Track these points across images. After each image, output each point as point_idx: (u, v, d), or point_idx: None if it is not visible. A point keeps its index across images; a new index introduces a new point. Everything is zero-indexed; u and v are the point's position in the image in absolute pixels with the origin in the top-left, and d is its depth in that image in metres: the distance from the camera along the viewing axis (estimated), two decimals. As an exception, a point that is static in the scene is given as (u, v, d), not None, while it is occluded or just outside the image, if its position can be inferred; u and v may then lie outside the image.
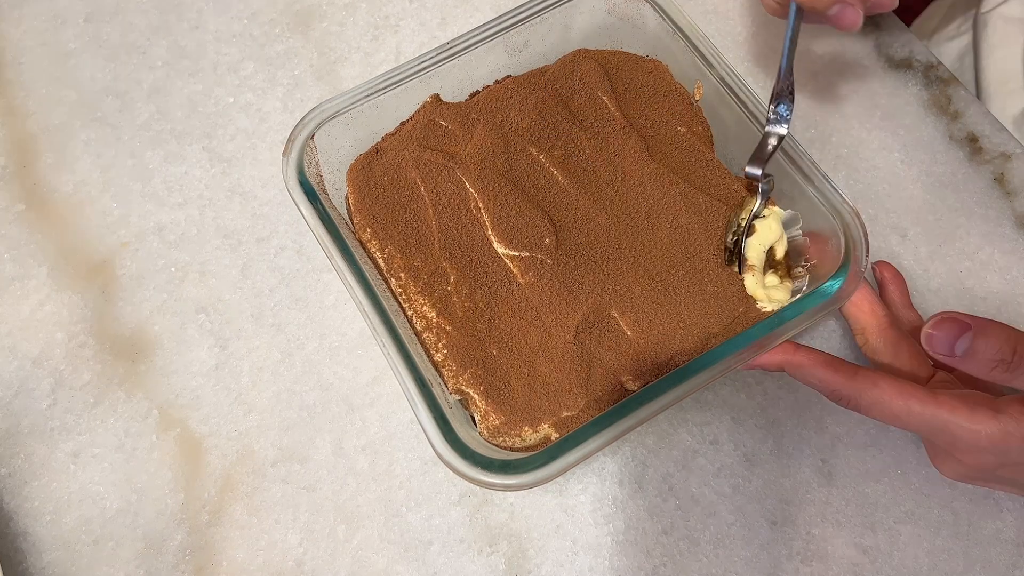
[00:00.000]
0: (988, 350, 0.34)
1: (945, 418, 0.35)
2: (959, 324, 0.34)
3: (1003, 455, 0.35)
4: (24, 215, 0.50)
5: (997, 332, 0.34)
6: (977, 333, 0.34)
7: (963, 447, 0.36)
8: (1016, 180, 0.50)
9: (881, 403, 0.36)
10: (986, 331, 0.34)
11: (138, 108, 0.53)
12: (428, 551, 0.42)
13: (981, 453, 0.36)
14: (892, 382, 0.36)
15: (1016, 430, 0.34)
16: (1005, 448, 0.35)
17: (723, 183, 0.43)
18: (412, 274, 0.40)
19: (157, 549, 0.42)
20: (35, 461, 0.44)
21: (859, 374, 0.36)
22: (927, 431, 0.36)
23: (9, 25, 0.56)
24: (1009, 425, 0.34)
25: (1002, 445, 0.35)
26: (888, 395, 0.36)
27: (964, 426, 0.35)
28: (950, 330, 0.34)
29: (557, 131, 0.43)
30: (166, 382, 0.46)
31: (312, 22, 0.56)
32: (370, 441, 0.44)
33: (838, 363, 0.37)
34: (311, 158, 0.42)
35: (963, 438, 0.35)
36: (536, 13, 0.45)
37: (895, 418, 0.36)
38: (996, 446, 0.35)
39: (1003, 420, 0.34)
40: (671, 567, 0.41)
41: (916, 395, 0.35)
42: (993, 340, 0.34)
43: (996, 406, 0.35)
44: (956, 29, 0.64)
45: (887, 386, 0.36)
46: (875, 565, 0.41)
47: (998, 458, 0.36)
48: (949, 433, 0.35)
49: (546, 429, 0.38)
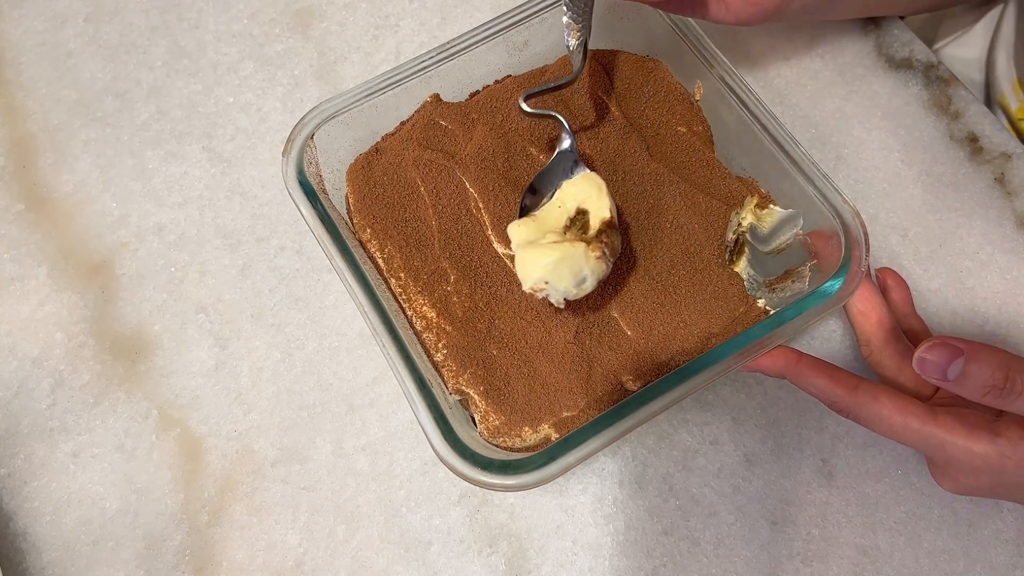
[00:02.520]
0: (980, 375, 0.34)
1: (942, 438, 0.35)
2: (951, 349, 0.34)
3: (998, 476, 0.36)
4: (24, 215, 0.50)
5: (989, 358, 0.34)
6: (969, 358, 0.34)
7: (959, 466, 0.36)
8: (1016, 180, 0.50)
9: (880, 418, 0.36)
10: (978, 356, 0.34)
11: (138, 108, 0.53)
12: (428, 551, 0.42)
13: (977, 473, 0.36)
14: (892, 398, 0.36)
15: (1013, 453, 0.35)
16: (1000, 469, 0.35)
17: (723, 183, 0.43)
18: (412, 274, 0.40)
19: (157, 549, 0.42)
20: (35, 461, 0.44)
21: (860, 387, 0.37)
22: (924, 448, 0.37)
23: (9, 25, 0.56)
24: (1006, 448, 0.35)
25: (997, 467, 0.35)
26: (887, 410, 0.36)
27: (960, 446, 0.35)
28: (942, 355, 0.34)
29: (557, 131, 0.43)
30: (166, 382, 0.46)
31: (312, 22, 0.56)
32: (370, 441, 0.44)
33: (840, 374, 0.37)
34: (311, 158, 0.42)
35: (959, 458, 0.36)
36: (536, 13, 0.45)
37: (893, 433, 0.36)
38: (991, 468, 0.35)
39: (1000, 443, 0.35)
40: (671, 567, 0.41)
41: (915, 413, 0.36)
42: (985, 366, 0.34)
43: (994, 428, 0.35)
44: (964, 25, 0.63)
45: (887, 401, 0.36)
46: (875, 565, 0.41)
47: (993, 479, 0.36)
48: (945, 452, 0.36)
49: (546, 429, 0.38)
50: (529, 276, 0.35)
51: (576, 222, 0.37)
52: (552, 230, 0.36)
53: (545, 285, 0.34)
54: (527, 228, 0.36)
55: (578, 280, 0.35)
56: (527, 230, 0.36)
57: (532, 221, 0.37)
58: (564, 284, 0.35)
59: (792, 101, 0.52)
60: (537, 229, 0.36)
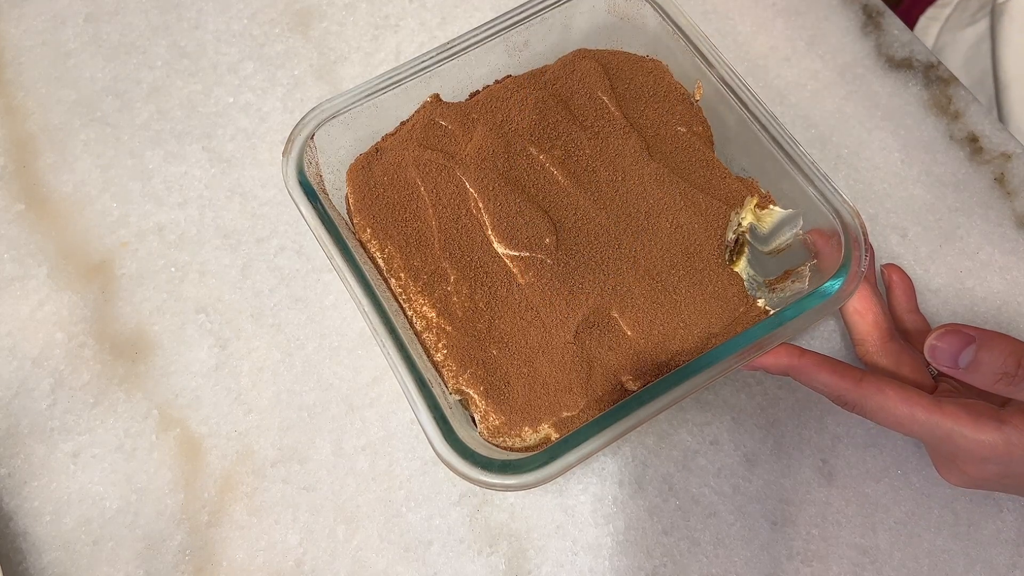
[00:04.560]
0: (992, 363, 0.34)
1: (949, 427, 0.35)
2: (963, 336, 0.34)
3: (1006, 465, 0.35)
4: (24, 215, 0.50)
5: (1001, 345, 0.34)
6: (981, 346, 0.34)
7: (966, 456, 0.36)
8: (1016, 180, 0.50)
9: (885, 409, 0.36)
10: (990, 344, 0.34)
11: (138, 108, 0.53)
12: (428, 551, 0.42)
13: (984, 463, 0.36)
14: (898, 389, 0.36)
15: (1020, 441, 0.34)
16: (1008, 459, 0.35)
17: (723, 183, 0.43)
18: (412, 274, 0.40)
19: (157, 549, 0.42)
20: (35, 461, 0.44)
21: (865, 379, 0.37)
22: (930, 439, 0.36)
23: (9, 25, 0.56)
24: (1013, 436, 0.34)
25: (1005, 456, 0.35)
26: (893, 401, 0.36)
27: (967, 436, 0.35)
28: (954, 342, 0.34)
29: (557, 131, 0.43)
30: (166, 382, 0.46)
31: (312, 22, 0.56)
32: (370, 441, 0.44)
33: (844, 368, 0.37)
34: (311, 158, 0.42)
35: (966, 448, 0.35)
36: (536, 13, 0.45)
37: (899, 424, 0.36)
38: (999, 456, 0.35)
39: (1006, 431, 0.34)
40: (671, 567, 0.41)
41: (921, 403, 0.36)
42: (997, 353, 0.34)
43: (1000, 416, 0.35)
44: (971, 16, 0.63)
45: (892, 392, 0.36)
46: (875, 565, 0.41)
47: (1001, 468, 0.36)
48: (952, 442, 0.35)
49: (546, 429, 0.38)
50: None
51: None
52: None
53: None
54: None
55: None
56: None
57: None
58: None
59: (792, 101, 0.52)
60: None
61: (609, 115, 0.44)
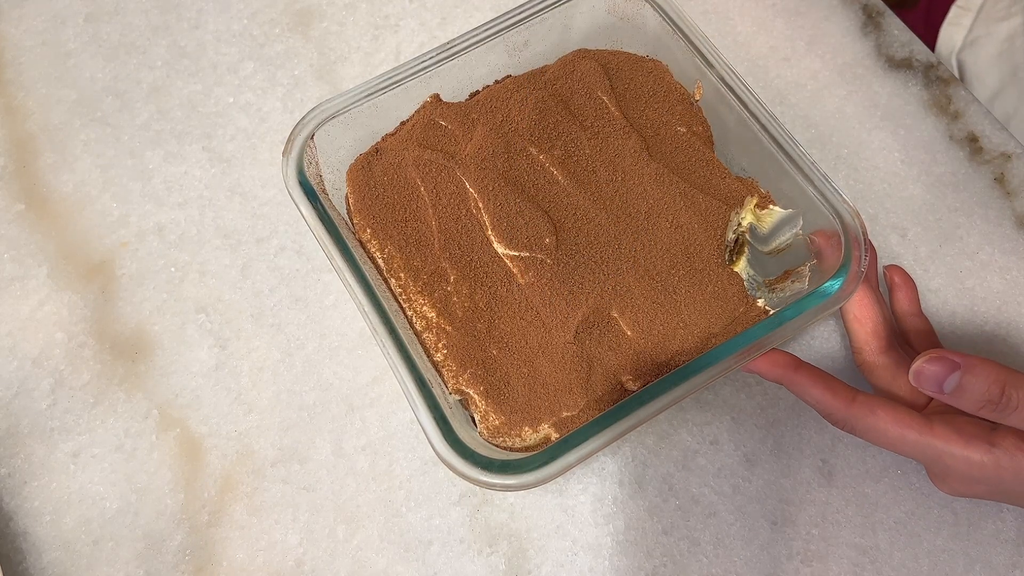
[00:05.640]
0: (976, 389, 0.34)
1: (939, 448, 0.35)
2: (948, 363, 0.35)
3: (996, 485, 0.36)
4: (24, 215, 0.50)
5: (986, 372, 0.34)
6: (966, 372, 0.34)
7: (957, 476, 0.36)
8: (1016, 180, 0.50)
9: (876, 430, 0.36)
10: (975, 370, 0.34)
11: (138, 108, 0.53)
12: (428, 551, 0.42)
13: (975, 483, 0.36)
14: (889, 410, 0.36)
15: (1010, 464, 0.35)
16: (998, 479, 0.35)
17: (723, 183, 0.43)
18: (412, 274, 0.40)
19: (157, 549, 0.42)
20: (35, 461, 0.44)
21: (857, 400, 0.37)
22: (922, 459, 0.37)
23: (9, 25, 0.56)
24: (1003, 459, 0.35)
25: (995, 477, 0.35)
26: (884, 423, 0.36)
27: (958, 456, 0.35)
28: (939, 368, 0.35)
29: (557, 131, 0.43)
30: (166, 382, 0.46)
31: (312, 22, 0.56)
32: (370, 441, 0.44)
33: (837, 385, 0.37)
34: (311, 158, 0.42)
35: (957, 468, 0.36)
36: (536, 13, 0.45)
37: (890, 445, 0.37)
38: (989, 477, 0.35)
39: (996, 453, 0.35)
40: (671, 567, 0.41)
41: (912, 424, 0.36)
42: (982, 380, 0.34)
43: (991, 439, 0.35)
44: (1007, 10, 0.62)
45: (884, 414, 0.36)
46: (875, 565, 0.41)
47: (991, 488, 0.36)
48: (943, 463, 0.36)
49: (546, 429, 0.38)
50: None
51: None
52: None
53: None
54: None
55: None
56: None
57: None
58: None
59: (792, 101, 0.52)
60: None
61: (609, 115, 0.44)
